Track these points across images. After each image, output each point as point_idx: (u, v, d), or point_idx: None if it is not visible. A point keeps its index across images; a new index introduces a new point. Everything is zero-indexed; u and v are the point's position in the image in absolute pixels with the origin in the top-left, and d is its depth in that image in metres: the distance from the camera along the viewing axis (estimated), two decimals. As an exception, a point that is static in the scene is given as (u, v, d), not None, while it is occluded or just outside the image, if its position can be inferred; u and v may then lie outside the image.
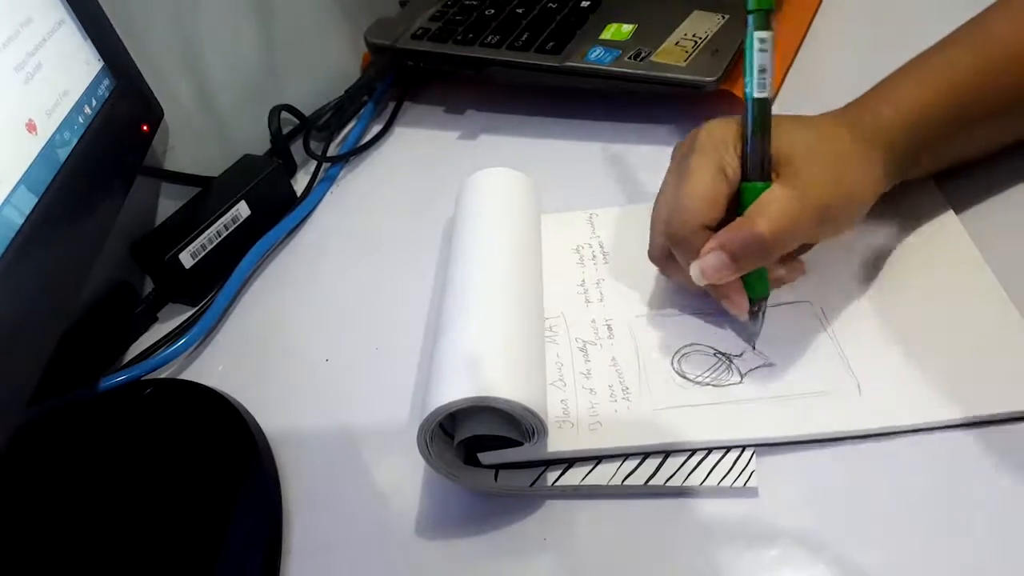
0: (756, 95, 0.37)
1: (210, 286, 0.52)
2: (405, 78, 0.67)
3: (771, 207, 0.36)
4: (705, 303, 0.42)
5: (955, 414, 0.35)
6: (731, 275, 0.37)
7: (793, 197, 0.36)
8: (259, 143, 0.60)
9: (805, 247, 0.40)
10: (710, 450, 0.36)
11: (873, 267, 0.41)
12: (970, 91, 0.39)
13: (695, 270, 0.37)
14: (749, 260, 0.37)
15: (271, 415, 0.43)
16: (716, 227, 0.38)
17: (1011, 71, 0.40)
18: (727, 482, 0.34)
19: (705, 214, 0.38)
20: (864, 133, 0.38)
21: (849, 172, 0.37)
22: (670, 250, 0.40)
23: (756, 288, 0.38)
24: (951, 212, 0.43)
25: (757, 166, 0.37)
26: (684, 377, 0.39)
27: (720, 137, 0.39)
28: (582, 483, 0.36)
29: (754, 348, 0.39)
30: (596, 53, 0.55)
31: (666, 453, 0.36)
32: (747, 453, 0.35)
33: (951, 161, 0.43)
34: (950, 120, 0.39)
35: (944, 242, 0.42)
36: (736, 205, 0.38)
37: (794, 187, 0.36)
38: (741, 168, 0.38)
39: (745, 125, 0.37)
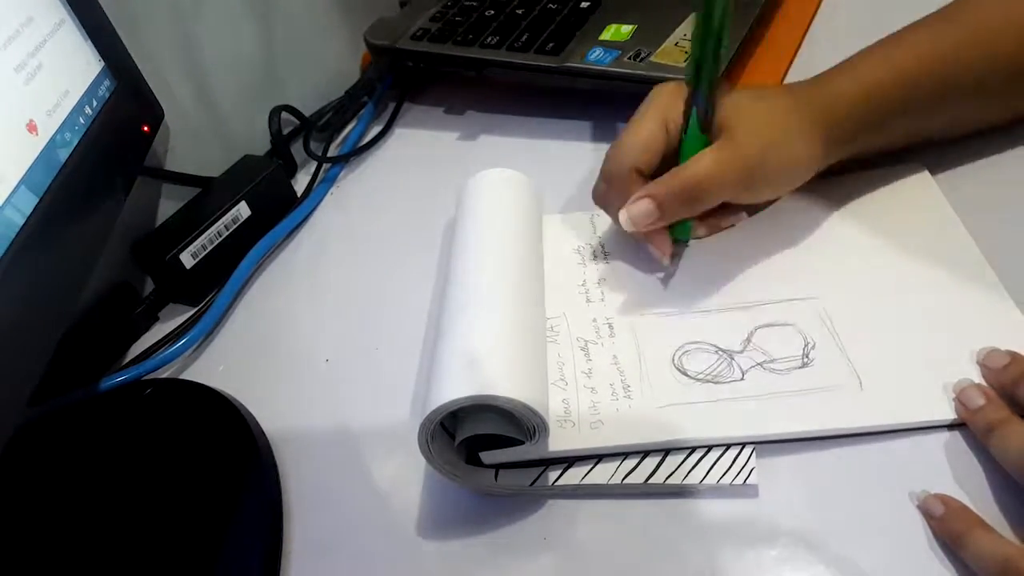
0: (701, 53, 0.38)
1: (210, 286, 0.52)
2: (405, 79, 0.67)
3: (700, 162, 0.39)
4: (705, 301, 0.42)
5: (955, 412, 0.35)
6: (656, 224, 0.40)
7: (723, 156, 0.39)
8: (259, 143, 0.60)
9: (736, 208, 0.43)
10: (710, 448, 0.36)
11: (875, 265, 0.41)
12: (958, 64, 0.40)
13: (623, 216, 0.40)
14: (674, 210, 0.40)
15: (271, 415, 0.43)
16: (650, 177, 0.41)
17: (979, 57, 0.41)
18: (727, 479, 0.34)
19: (638, 157, 0.41)
20: (812, 108, 0.40)
21: (785, 143, 0.40)
22: (606, 187, 0.43)
23: (677, 231, 0.42)
24: (951, 211, 0.43)
25: (698, 120, 0.39)
26: (685, 375, 0.39)
27: (669, 93, 0.42)
28: (582, 482, 0.36)
29: (665, 288, 0.43)
30: (596, 54, 0.56)
31: (666, 451, 0.36)
32: (747, 450, 0.35)
33: (925, 135, 0.44)
34: (908, 100, 0.41)
35: (945, 241, 0.42)
36: (674, 163, 0.41)
37: (726, 148, 0.39)
38: (683, 121, 0.40)
39: (693, 78, 0.39)
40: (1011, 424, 0.32)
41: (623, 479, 0.35)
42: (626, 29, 0.57)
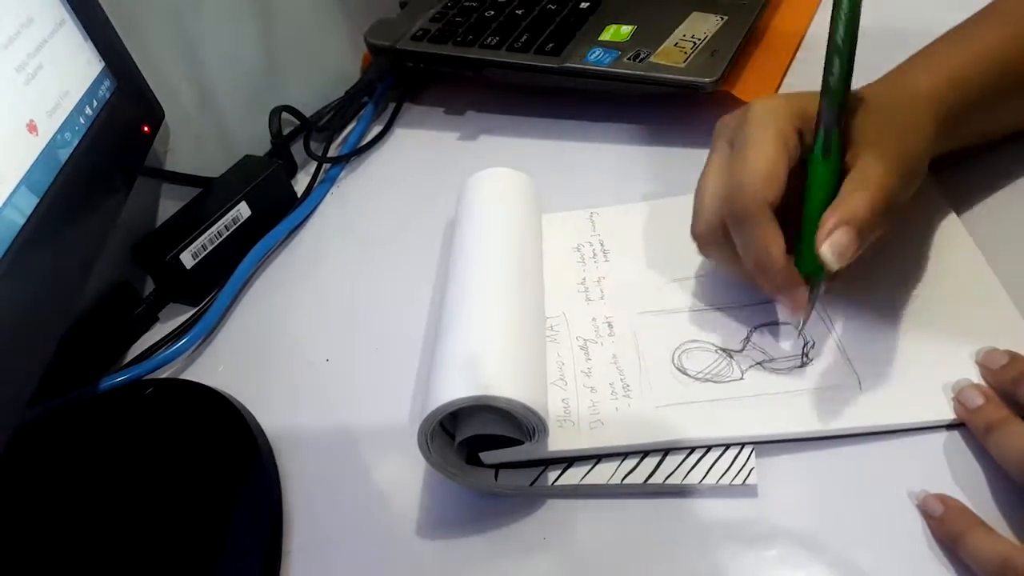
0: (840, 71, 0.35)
1: (211, 286, 0.52)
2: (405, 79, 0.67)
3: (872, 176, 0.35)
4: (704, 300, 0.42)
5: (955, 412, 0.35)
6: (856, 252, 0.34)
7: (888, 159, 0.35)
8: (259, 144, 0.60)
9: None
10: (709, 447, 0.36)
11: (875, 265, 0.41)
12: (1009, 63, 0.39)
13: (828, 254, 0.34)
14: (871, 230, 0.35)
15: (271, 415, 0.43)
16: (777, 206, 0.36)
17: None
18: (726, 479, 0.34)
19: (770, 189, 0.35)
20: (914, 99, 0.38)
21: (916, 128, 0.37)
22: (722, 229, 0.38)
23: (820, 271, 0.36)
24: (952, 213, 0.43)
25: (827, 138, 0.36)
26: (685, 374, 0.39)
27: (782, 110, 0.37)
28: (582, 482, 0.36)
29: (800, 336, 0.38)
30: (595, 54, 0.56)
31: (665, 451, 0.36)
32: (746, 450, 0.35)
33: (983, 135, 0.43)
34: (987, 93, 0.39)
35: (946, 242, 0.42)
36: (796, 181, 0.36)
37: (880, 149, 0.35)
38: (815, 142, 0.36)
39: (829, 100, 0.36)
40: (1011, 424, 0.32)
41: (623, 479, 0.35)
42: (626, 30, 0.57)
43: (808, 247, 0.35)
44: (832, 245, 0.34)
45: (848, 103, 0.36)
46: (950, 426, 0.35)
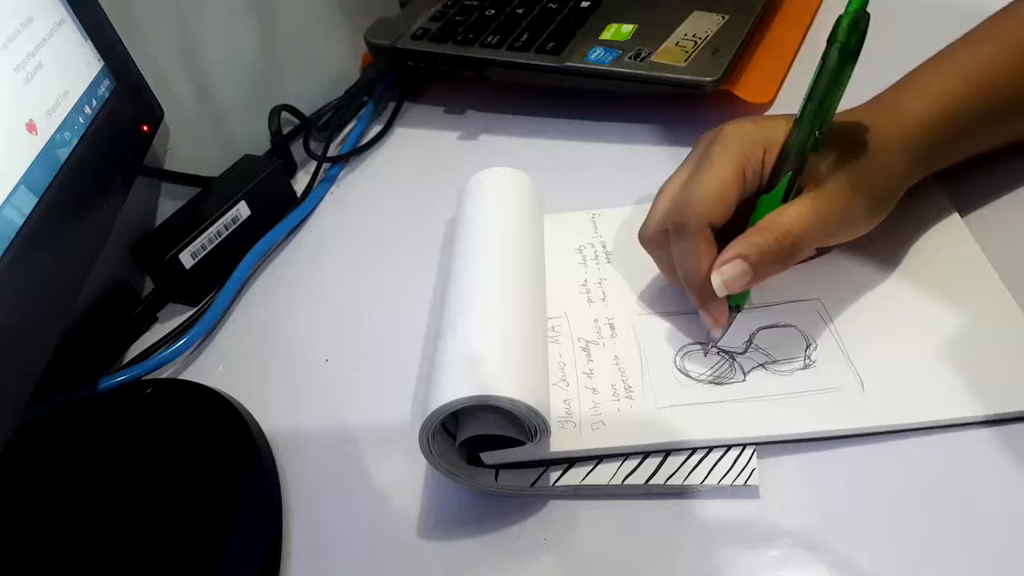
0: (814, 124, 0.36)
1: (210, 286, 0.52)
2: (405, 78, 0.67)
3: (794, 216, 0.35)
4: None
5: (957, 413, 0.35)
6: (748, 284, 0.36)
7: (815, 207, 0.36)
8: (259, 143, 0.60)
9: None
10: (710, 449, 0.36)
11: (877, 266, 0.41)
12: (997, 88, 0.39)
13: (716, 281, 0.36)
14: (767, 270, 0.36)
15: (271, 415, 0.43)
16: (718, 229, 0.37)
17: None
18: (727, 481, 0.34)
19: (715, 210, 0.37)
20: (888, 131, 0.38)
21: (875, 175, 0.37)
22: (663, 235, 0.39)
23: (738, 298, 0.38)
24: (955, 213, 0.43)
25: (789, 183, 0.36)
26: (687, 375, 0.39)
27: (748, 136, 0.37)
28: (583, 483, 0.36)
29: (710, 350, 0.39)
30: (596, 53, 0.55)
31: (666, 452, 0.36)
32: (747, 452, 0.35)
33: (971, 154, 0.43)
34: (976, 116, 0.39)
35: (948, 242, 0.42)
36: (743, 209, 0.37)
37: (815, 197, 0.36)
38: (771, 178, 0.37)
39: (794, 142, 0.36)
40: None
41: (624, 480, 0.35)
42: (626, 29, 0.57)
43: None
44: (722, 274, 0.36)
45: (818, 144, 0.36)
46: (952, 427, 0.35)
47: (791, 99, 0.54)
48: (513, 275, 0.41)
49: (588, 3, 0.61)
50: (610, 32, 0.57)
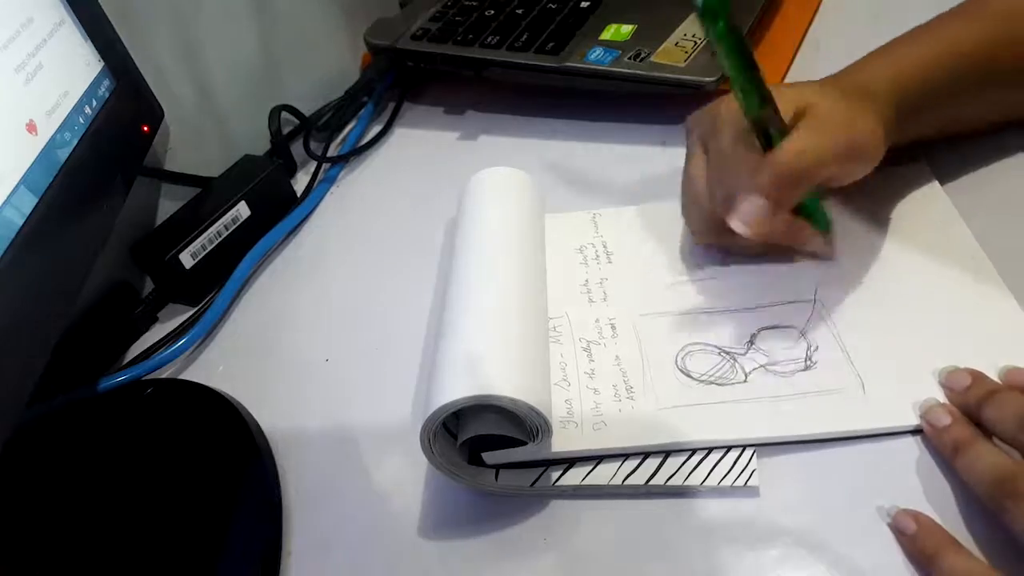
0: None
1: (210, 286, 0.52)
2: (405, 79, 0.67)
3: (794, 139, 0.36)
4: (708, 303, 0.42)
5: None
6: (771, 215, 0.37)
7: (813, 129, 0.37)
8: (259, 143, 0.60)
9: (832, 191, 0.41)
10: (711, 449, 0.36)
11: (877, 267, 0.41)
12: (965, 56, 0.40)
13: (735, 222, 0.37)
14: (784, 193, 0.37)
15: (271, 415, 0.43)
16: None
17: (1012, 46, 0.41)
18: (727, 482, 0.34)
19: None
20: (860, 92, 0.39)
21: (860, 118, 0.38)
22: (718, 222, 0.39)
23: (820, 222, 0.41)
24: (955, 211, 0.43)
25: (775, 132, 0.37)
26: (688, 376, 0.39)
27: (705, 122, 0.40)
28: (583, 483, 0.36)
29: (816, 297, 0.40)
30: (596, 53, 0.55)
31: (667, 453, 0.36)
32: (747, 453, 0.35)
33: (939, 130, 0.44)
34: (945, 86, 0.40)
35: (948, 242, 0.41)
36: None
37: (812, 122, 0.37)
38: (761, 141, 0.38)
39: (747, 105, 0.37)
40: (977, 444, 0.32)
41: (624, 480, 0.35)
42: (626, 29, 0.57)
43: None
44: (737, 213, 0.37)
45: (785, 91, 0.38)
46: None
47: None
48: (514, 274, 0.41)
49: (588, 3, 0.61)
50: (610, 32, 0.57)
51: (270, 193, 0.56)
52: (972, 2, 0.43)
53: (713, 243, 0.43)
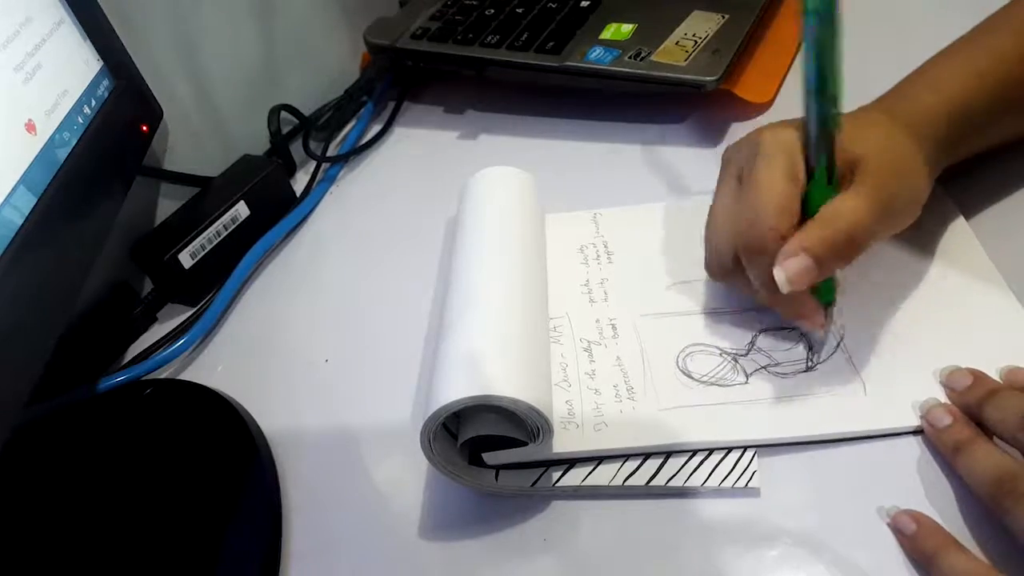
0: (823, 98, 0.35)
1: (209, 286, 0.52)
2: (405, 78, 0.66)
3: (850, 207, 0.34)
4: (709, 303, 0.42)
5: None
6: (813, 280, 0.34)
7: (869, 195, 0.35)
8: (258, 143, 0.60)
9: None
10: (711, 450, 0.36)
11: (879, 268, 0.41)
12: (1012, 78, 0.39)
13: (780, 276, 0.34)
14: (832, 262, 0.35)
15: (271, 415, 0.43)
16: None
17: None
18: (728, 483, 0.34)
19: (784, 224, 0.35)
20: (907, 124, 0.37)
21: (909, 165, 0.36)
22: (735, 262, 0.38)
23: (826, 294, 0.37)
24: (960, 216, 0.43)
25: (827, 168, 0.36)
26: (689, 377, 0.39)
27: (786, 140, 0.37)
28: (583, 483, 0.36)
29: (817, 363, 0.38)
30: (596, 53, 0.55)
31: (667, 454, 0.36)
32: (748, 454, 0.35)
33: (983, 148, 0.42)
34: (990, 108, 0.39)
35: (952, 245, 0.41)
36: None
37: (868, 186, 0.35)
38: (807, 169, 0.36)
39: (812, 126, 0.35)
40: (977, 444, 0.32)
41: (624, 481, 0.35)
42: (626, 28, 0.57)
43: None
44: (786, 270, 0.34)
45: (841, 129, 0.35)
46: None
47: (791, 98, 0.54)
48: (514, 274, 0.41)
49: (588, 3, 0.61)
50: (610, 32, 0.57)
51: (269, 193, 0.56)
52: (1009, 13, 0.41)
53: (720, 282, 0.41)
